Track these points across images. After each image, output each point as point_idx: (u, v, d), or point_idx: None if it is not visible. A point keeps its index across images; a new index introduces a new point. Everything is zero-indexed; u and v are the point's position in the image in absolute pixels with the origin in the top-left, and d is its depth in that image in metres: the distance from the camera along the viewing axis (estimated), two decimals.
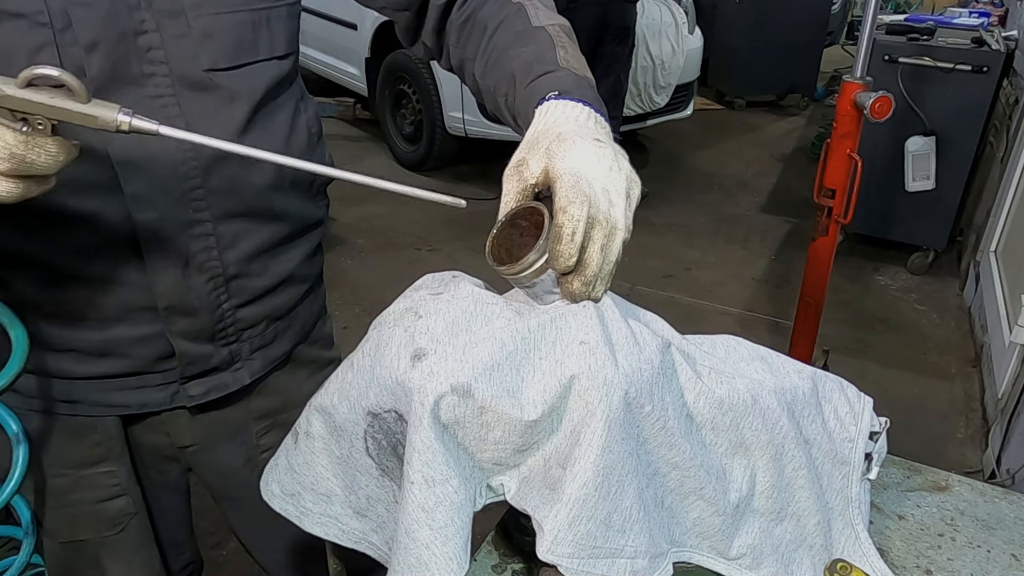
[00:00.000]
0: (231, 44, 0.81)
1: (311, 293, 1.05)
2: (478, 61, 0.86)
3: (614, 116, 4.04)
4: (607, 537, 0.64)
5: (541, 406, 0.62)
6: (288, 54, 0.89)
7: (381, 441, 0.67)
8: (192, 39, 0.79)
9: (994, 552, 0.84)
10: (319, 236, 1.02)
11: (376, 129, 5.11)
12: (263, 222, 0.90)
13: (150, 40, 0.76)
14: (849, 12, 8.06)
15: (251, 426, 1.05)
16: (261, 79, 0.85)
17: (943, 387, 2.93)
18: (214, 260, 0.86)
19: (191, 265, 0.85)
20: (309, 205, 0.97)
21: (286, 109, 0.90)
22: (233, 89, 0.82)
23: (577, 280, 0.65)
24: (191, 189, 0.81)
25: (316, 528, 0.73)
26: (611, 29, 3.78)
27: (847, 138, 2.17)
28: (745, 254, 3.97)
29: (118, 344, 0.87)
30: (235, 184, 0.85)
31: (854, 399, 0.81)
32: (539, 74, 0.76)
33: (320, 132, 0.98)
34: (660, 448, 0.67)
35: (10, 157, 0.58)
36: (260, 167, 0.85)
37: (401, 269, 3.48)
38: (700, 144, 5.55)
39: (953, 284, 3.68)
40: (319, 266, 1.06)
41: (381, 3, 0.94)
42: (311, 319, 1.08)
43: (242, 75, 0.83)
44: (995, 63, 3.29)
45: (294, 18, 0.90)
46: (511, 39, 0.82)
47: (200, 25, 0.79)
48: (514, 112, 0.79)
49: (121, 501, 1.00)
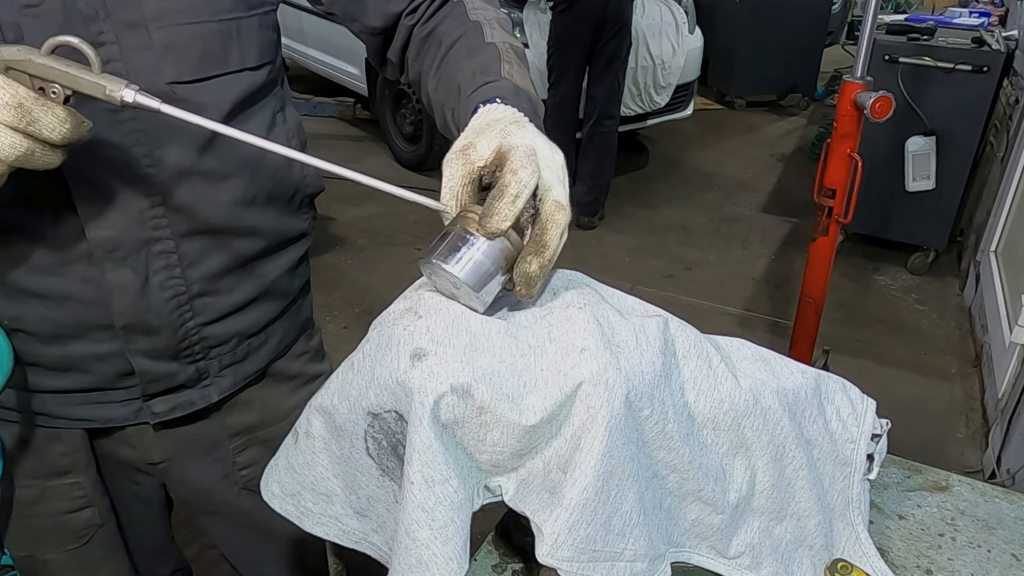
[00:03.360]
0: (196, 56, 0.79)
1: (292, 307, 1.02)
2: (432, 75, 0.85)
3: (612, 116, 4.03)
4: (607, 541, 0.64)
5: (540, 413, 0.62)
6: (262, 65, 0.86)
7: (381, 441, 0.66)
8: (153, 51, 0.76)
9: (994, 552, 0.84)
10: (302, 249, 0.99)
11: (376, 129, 5.11)
12: (232, 238, 0.87)
13: (109, 52, 0.74)
14: (849, 12, 8.06)
15: (226, 443, 1.02)
16: (230, 92, 0.82)
17: (943, 387, 2.92)
18: (176, 278, 0.83)
19: (151, 283, 0.82)
20: (289, 218, 0.94)
21: (260, 120, 0.87)
22: (198, 102, 0.79)
23: (536, 262, 0.62)
24: (150, 207, 0.79)
25: (316, 528, 0.73)
26: (608, 25, 3.78)
27: (847, 138, 2.17)
28: (745, 254, 3.97)
29: (78, 360, 0.85)
30: (199, 201, 0.82)
31: (857, 400, 0.81)
32: (480, 84, 0.75)
33: (303, 143, 0.95)
34: (659, 451, 0.68)
35: (19, 106, 0.59)
36: (227, 183, 0.83)
37: (401, 269, 3.48)
38: (700, 144, 5.55)
39: (953, 284, 3.68)
40: (303, 279, 1.03)
41: (357, 27, 0.92)
42: (292, 333, 1.04)
43: (208, 88, 0.80)
44: (995, 63, 3.29)
45: (267, 28, 0.87)
46: (462, 55, 0.81)
47: (162, 37, 0.76)
48: (457, 123, 0.76)
49: (87, 513, 0.97)
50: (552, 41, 3.88)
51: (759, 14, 5.94)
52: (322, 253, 3.71)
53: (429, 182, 4.54)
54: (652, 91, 4.51)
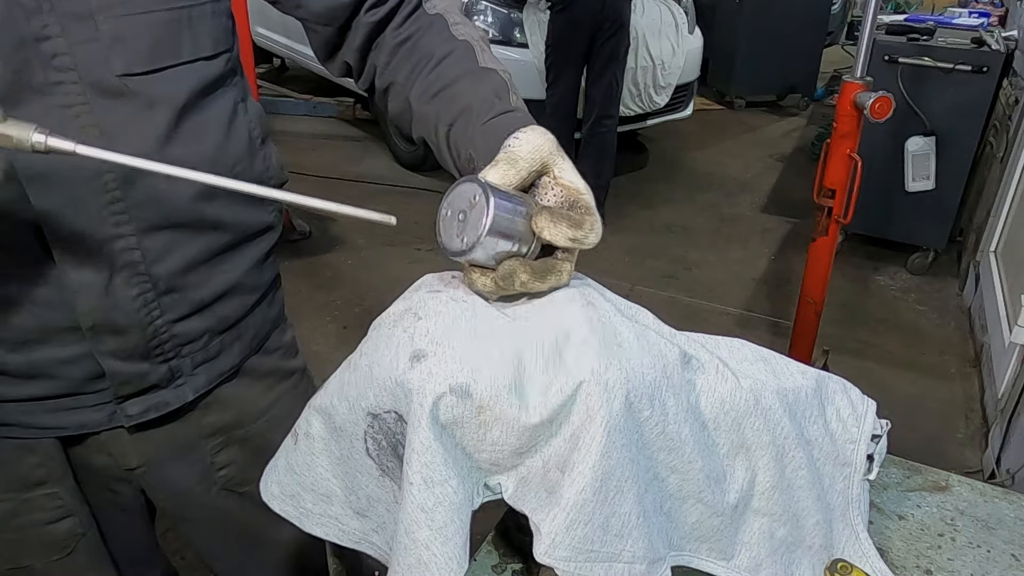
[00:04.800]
0: (147, 47, 0.76)
1: (262, 301, 1.00)
2: (416, 87, 0.83)
3: (611, 116, 4.03)
4: (604, 541, 0.64)
5: (541, 410, 0.62)
6: (218, 54, 0.84)
7: (381, 441, 0.67)
8: (102, 43, 0.73)
9: (994, 552, 0.84)
10: (270, 242, 0.97)
11: (376, 129, 5.11)
12: (195, 233, 0.85)
13: (55, 46, 0.71)
14: (849, 12, 8.06)
15: (203, 444, 1.00)
16: (184, 82, 0.80)
17: (943, 387, 2.93)
18: (141, 275, 0.81)
19: (115, 281, 0.80)
20: (253, 211, 0.92)
21: (220, 111, 0.85)
22: (151, 94, 0.77)
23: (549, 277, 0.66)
24: (109, 203, 0.77)
25: (316, 529, 0.73)
26: (606, 25, 3.78)
27: (847, 138, 2.18)
28: (745, 254, 3.97)
29: (44, 366, 0.82)
30: (160, 195, 0.80)
31: (857, 401, 0.82)
32: (500, 112, 0.75)
33: (264, 135, 0.93)
34: (659, 452, 0.67)
35: None
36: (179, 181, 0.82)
37: (401, 269, 3.48)
38: (700, 144, 5.55)
39: (953, 284, 3.68)
40: (272, 273, 1.01)
41: (302, 13, 0.89)
42: (264, 328, 1.03)
43: (161, 79, 0.78)
44: (995, 63, 3.29)
45: (221, 15, 0.84)
46: (461, 74, 0.80)
47: (110, 28, 0.73)
48: (462, 141, 0.76)
49: (68, 523, 0.95)
50: (550, 41, 3.88)
51: (759, 14, 5.94)
52: (322, 253, 3.71)
53: (429, 182, 4.54)
54: (652, 91, 4.51)
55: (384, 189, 4.36)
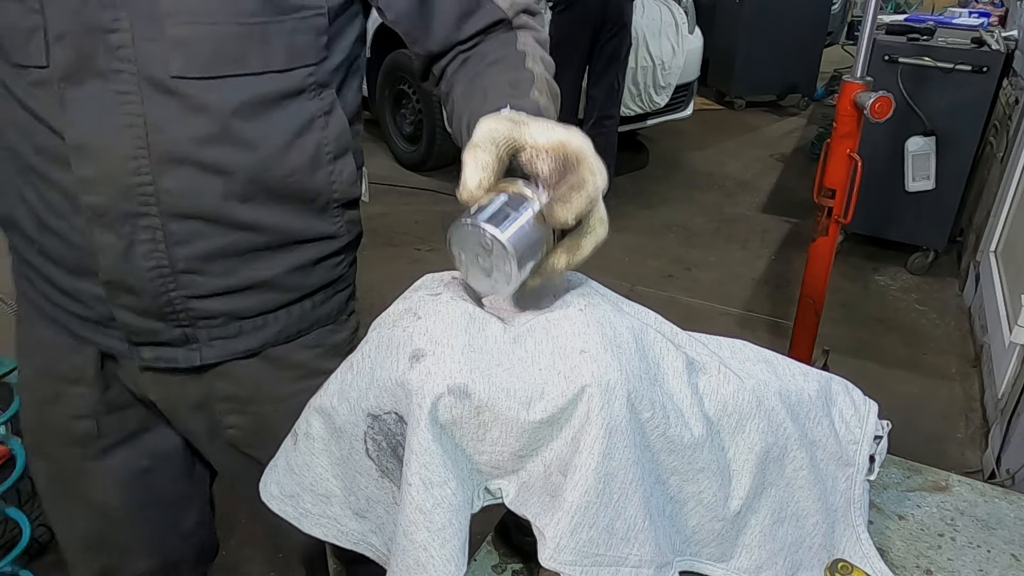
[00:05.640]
0: (206, 54, 0.80)
1: (303, 300, 1.00)
2: (463, 86, 0.85)
3: (612, 116, 4.03)
4: (610, 545, 0.64)
5: (541, 412, 0.62)
6: (293, 68, 0.85)
7: (381, 443, 0.66)
8: (163, 44, 0.78)
9: (994, 552, 0.84)
10: (322, 250, 0.98)
11: (376, 129, 5.11)
12: (226, 229, 0.87)
13: (121, 39, 0.77)
14: (849, 12, 8.07)
15: (213, 404, 1.03)
16: (242, 92, 0.83)
17: (943, 387, 2.93)
18: (160, 253, 0.86)
19: (135, 251, 0.85)
20: (303, 219, 0.93)
21: (286, 123, 0.87)
22: (202, 98, 0.81)
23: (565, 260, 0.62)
24: (138, 184, 0.82)
25: (315, 529, 0.73)
26: (608, 25, 3.79)
27: (847, 138, 2.17)
28: (745, 254, 3.97)
29: (83, 294, 0.92)
30: (188, 189, 0.84)
31: (859, 402, 0.82)
32: (508, 96, 0.74)
33: (340, 153, 0.94)
34: (660, 454, 0.67)
35: None
36: (222, 178, 0.84)
37: (401, 269, 3.48)
38: (700, 144, 5.55)
39: (953, 284, 3.68)
40: (324, 277, 1.01)
41: (416, 48, 0.92)
42: (301, 325, 1.02)
43: (216, 86, 0.81)
44: (995, 63, 3.29)
45: (308, 32, 0.85)
46: (497, 70, 0.82)
47: (175, 32, 0.78)
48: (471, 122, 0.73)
49: (87, 423, 1.03)
50: (552, 41, 3.88)
51: (759, 14, 5.94)
52: None
53: (429, 182, 4.54)
54: (652, 91, 4.51)
55: (384, 189, 4.36)
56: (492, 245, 0.59)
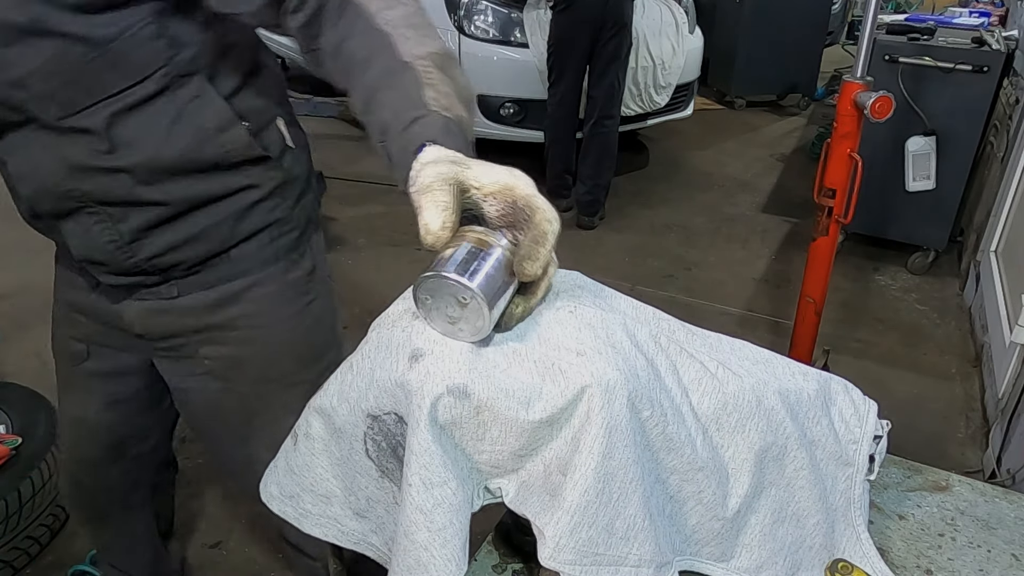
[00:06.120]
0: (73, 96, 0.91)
1: (250, 240, 1.10)
2: (356, 98, 0.80)
3: (612, 116, 4.02)
4: (610, 544, 0.64)
5: (541, 412, 0.62)
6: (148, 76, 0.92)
7: (381, 443, 0.66)
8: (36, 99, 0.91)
9: (994, 552, 0.84)
10: (247, 199, 1.06)
11: None
12: (142, 207, 1.01)
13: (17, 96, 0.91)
14: (849, 12, 8.06)
15: (189, 336, 1.15)
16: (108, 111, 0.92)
17: (943, 387, 2.92)
18: (109, 230, 1.02)
19: (92, 232, 1.02)
20: (208, 183, 1.02)
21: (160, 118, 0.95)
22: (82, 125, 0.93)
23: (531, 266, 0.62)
24: (67, 190, 0.98)
25: (315, 529, 0.73)
26: (608, 25, 3.78)
27: (847, 138, 2.17)
28: (745, 254, 3.97)
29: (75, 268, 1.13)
30: (105, 188, 0.98)
31: (859, 402, 0.81)
32: (410, 121, 0.71)
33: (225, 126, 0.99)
34: (659, 452, 0.67)
35: None
36: (121, 175, 0.97)
37: (401, 269, 3.48)
38: (700, 144, 5.55)
39: (953, 284, 3.68)
40: (264, 220, 1.10)
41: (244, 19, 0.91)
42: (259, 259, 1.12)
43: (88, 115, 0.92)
44: (995, 63, 3.29)
45: (143, 44, 0.91)
46: (380, 77, 0.77)
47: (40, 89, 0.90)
48: (392, 158, 0.73)
49: (78, 345, 1.24)
50: (552, 41, 3.88)
51: (759, 14, 5.94)
52: None
53: None
54: (652, 91, 4.50)
55: (384, 189, 4.36)
56: (469, 301, 0.61)
